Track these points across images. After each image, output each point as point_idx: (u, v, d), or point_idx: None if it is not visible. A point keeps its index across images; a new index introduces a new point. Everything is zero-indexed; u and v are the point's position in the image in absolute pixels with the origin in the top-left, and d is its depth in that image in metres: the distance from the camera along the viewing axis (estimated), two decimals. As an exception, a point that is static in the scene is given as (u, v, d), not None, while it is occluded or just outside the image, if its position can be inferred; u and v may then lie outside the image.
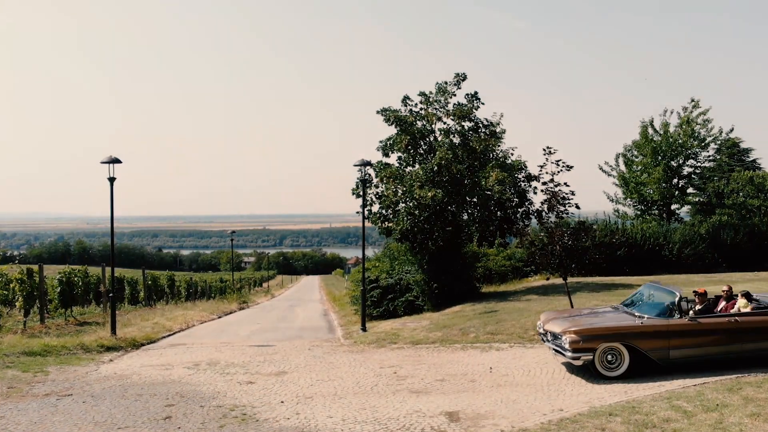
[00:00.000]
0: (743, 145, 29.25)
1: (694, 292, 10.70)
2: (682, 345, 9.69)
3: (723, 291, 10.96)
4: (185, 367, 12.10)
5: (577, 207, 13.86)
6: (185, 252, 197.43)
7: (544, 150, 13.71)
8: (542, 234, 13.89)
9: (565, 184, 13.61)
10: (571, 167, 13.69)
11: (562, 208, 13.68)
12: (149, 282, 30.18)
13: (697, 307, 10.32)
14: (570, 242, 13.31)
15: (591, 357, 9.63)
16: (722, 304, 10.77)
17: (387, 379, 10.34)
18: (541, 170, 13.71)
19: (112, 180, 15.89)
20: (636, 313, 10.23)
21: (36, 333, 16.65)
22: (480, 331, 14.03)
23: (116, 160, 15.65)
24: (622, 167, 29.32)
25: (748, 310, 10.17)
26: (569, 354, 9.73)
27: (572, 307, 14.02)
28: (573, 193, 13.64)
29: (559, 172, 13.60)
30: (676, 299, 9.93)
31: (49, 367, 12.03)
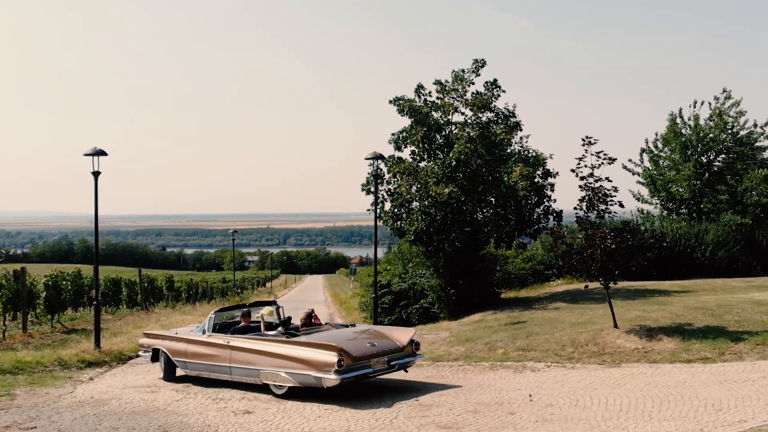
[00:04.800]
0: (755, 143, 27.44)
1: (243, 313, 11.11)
2: (195, 358, 10.68)
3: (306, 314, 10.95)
4: (173, 390, 10.53)
5: (621, 205, 12.21)
6: (189, 251, 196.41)
7: (583, 140, 12.06)
8: (580, 235, 12.23)
9: (607, 179, 11.96)
10: (614, 160, 12.03)
11: (603, 207, 12.04)
12: (146, 284, 28.66)
13: (241, 325, 10.75)
14: (613, 245, 11.66)
15: (149, 356, 11.58)
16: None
17: (408, 409, 8.72)
18: (579, 163, 12.04)
19: (96, 174, 14.33)
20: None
21: (15, 344, 15.13)
22: (509, 347, 12.38)
23: (101, 152, 14.09)
24: (647, 164, 27.54)
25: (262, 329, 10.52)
26: (141, 351, 12.10)
27: (614, 317, 12.38)
28: (616, 189, 12.00)
29: (600, 165, 11.95)
30: (212, 316, 10.87)
31: (17, 389, 10.48)
